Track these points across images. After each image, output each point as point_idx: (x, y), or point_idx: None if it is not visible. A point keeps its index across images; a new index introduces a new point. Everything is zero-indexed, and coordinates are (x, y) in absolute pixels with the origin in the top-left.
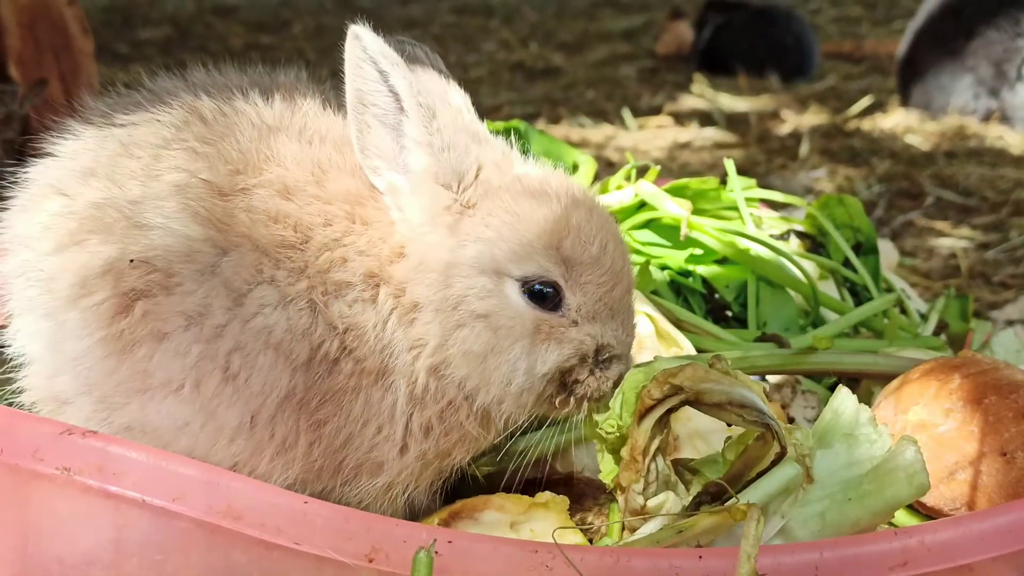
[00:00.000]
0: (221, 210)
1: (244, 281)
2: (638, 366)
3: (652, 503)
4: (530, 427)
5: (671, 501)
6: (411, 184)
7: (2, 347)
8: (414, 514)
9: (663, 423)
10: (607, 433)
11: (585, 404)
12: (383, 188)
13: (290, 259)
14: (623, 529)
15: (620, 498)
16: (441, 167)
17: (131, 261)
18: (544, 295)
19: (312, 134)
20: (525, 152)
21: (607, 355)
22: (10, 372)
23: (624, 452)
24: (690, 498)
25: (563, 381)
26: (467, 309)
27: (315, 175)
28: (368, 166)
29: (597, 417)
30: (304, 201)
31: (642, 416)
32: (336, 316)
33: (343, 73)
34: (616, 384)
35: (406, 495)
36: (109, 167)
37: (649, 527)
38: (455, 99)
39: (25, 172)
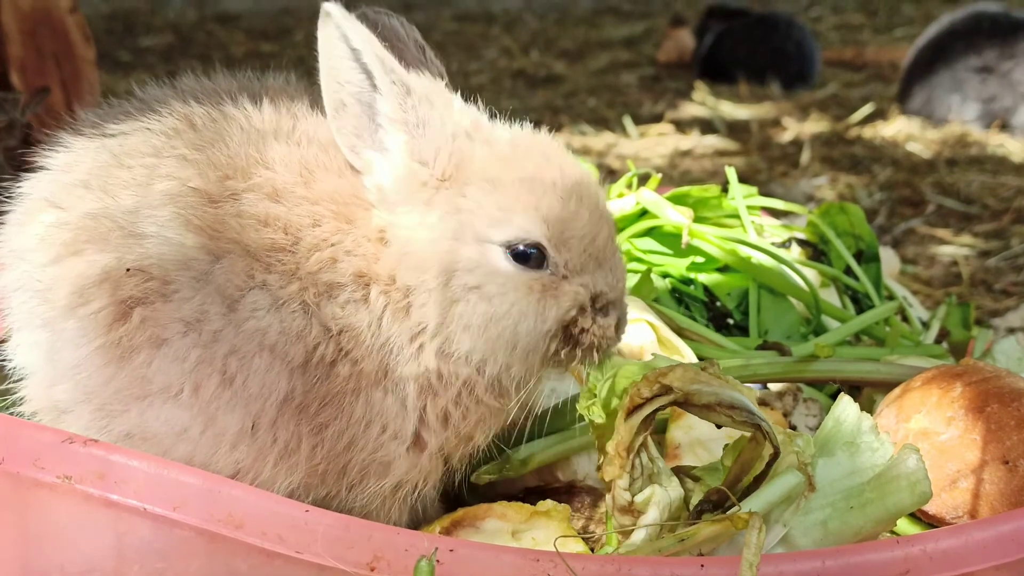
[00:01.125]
0: (212, 217)
1: (236, 287)
2: (635, 363)
3: (639, 499)
4: (533, 434)
5: (657, 494)
6: (388, 162)
7: (2, 361)
8: (416, 522)
9: (649, 421)
10: (596, 422)
11: (595, 354)
12: (360, 167)
13: (281, 262)
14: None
15: (608, 496)
16: (416, 143)
17: (127, 270)
18: (528, 255)
19: (300, 135)
20: (493, 116)
21: (603, 302)
22: (10, 385)
23: (609, 447)
24: (680, 493)
25: (567, 334)
26: (458, 283)
27: (303, 176)
28: (345, 144)
29: (582, 408)
30: (293, 203)
31: (630, 413)
32: (329, 318)
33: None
34: (618, 328)
35: (416, 494)
36: (102, 178)
37: (643, 529)
38: (428, 71)
39: (19, 186)
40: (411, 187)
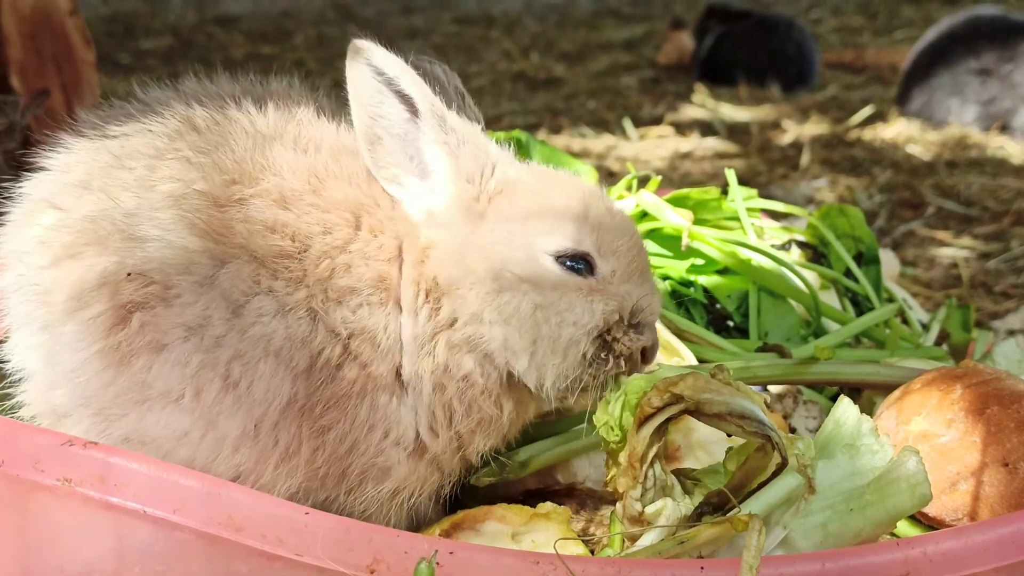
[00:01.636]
0: (218, 221)
1: (242, 293)
2: (641, 375)
3: (650, 510)
4: (535, 433)
5: (669, 507)
6: (433, 186)
7: (1, 362)
8: (416, 525)
9: (662, 431)
10: (611, 440)
11: (622, 363)
12: (402, 196)
13: (288, 269)
14: (624, 541)
15: (618, 505)
16: (462, 163)
17: (128, 275)
18: (578, 268)
19: (307, 142)
20: (521, 158)
21: (639, 319)
22: (9, 387)
23: (622, 458)
24: (691, 507)
25: (603, 340)
26: (509, 274)
27: (312, 184)
28: (384, 177)
29: (597, 421)
30: (302, 210)
31: (641, 423)
32: (339, 322)
33: (345, 84)
34: (647, 353)
35: (412, 501)
36: (103, 179)
37: (650, 537)
38: (466, 115)
39: (20, 187)
40: (461, 204)
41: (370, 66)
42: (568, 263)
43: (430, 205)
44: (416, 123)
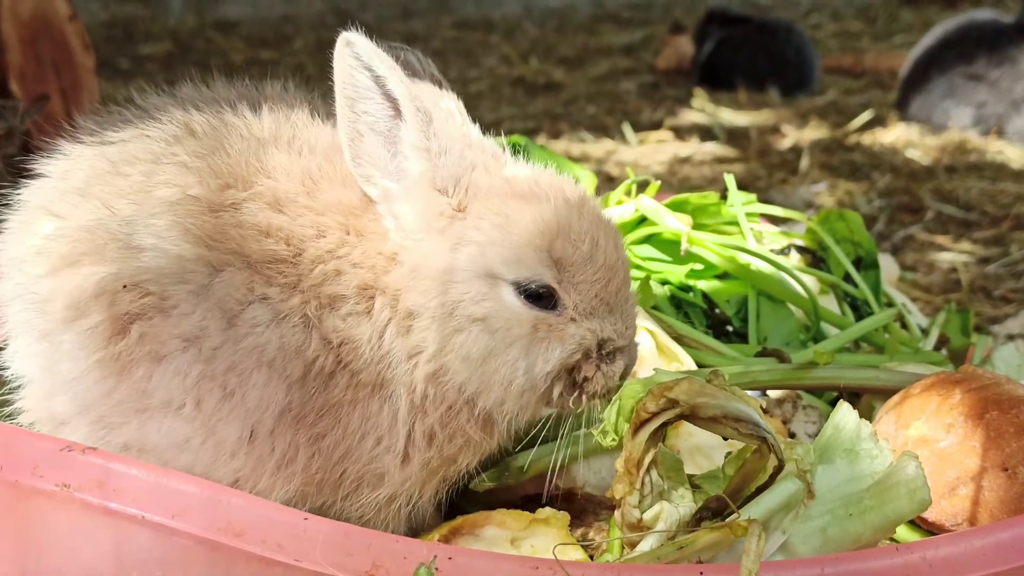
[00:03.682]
0: (211, 226)
1: (236, 301)
2: (638, 379)
3: (648, 515)
4: (534, 438)
5: (666, 510)
6: (406, 190)
7: (1, 369)
8: (415, 530)
9: (658, 436)
10: (609, 443)
11: (597, 403)
12: (376, 197)
13: (282, 274)
14: (623, 547)
15: (617, 512)
16: (438, 172)
17: (124, 286)
18: (540, 295)
19: (302, 144)
20: (517, 154)
21: (610, 348)
22: (8, 394)
23: (619, 464)
24: (689, 510)
25: (572, 379)
26: (463, 314)
27: (306, 186)
28: (361, 175)
29: (598, 437)
30: (296, 213)
31: (637, 429)
32: (330, 330)
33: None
34: (622, 376)
35: (410, 506)
36: (100, 186)
37: (649, 542)
38: (446, 103)
39: (18, 194)
40: (428, 215)
41: (358, 60)
42: (531, 289)
43: (400, 212)
44: (399, 123)
